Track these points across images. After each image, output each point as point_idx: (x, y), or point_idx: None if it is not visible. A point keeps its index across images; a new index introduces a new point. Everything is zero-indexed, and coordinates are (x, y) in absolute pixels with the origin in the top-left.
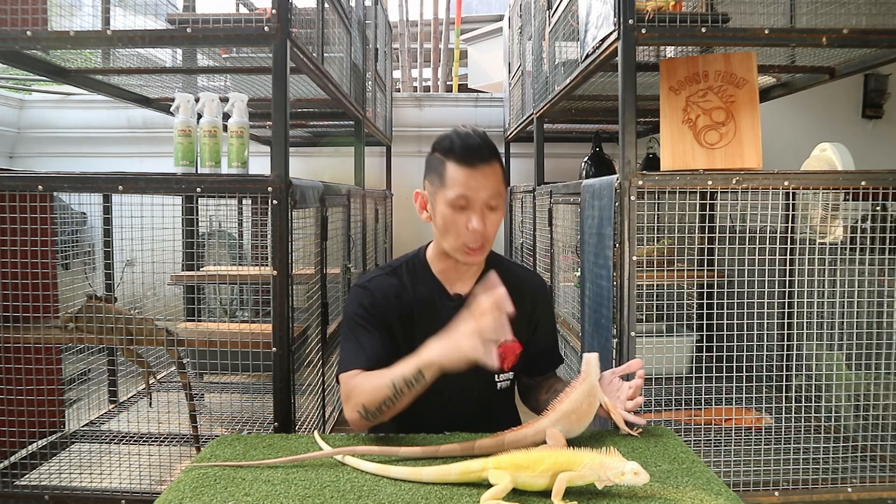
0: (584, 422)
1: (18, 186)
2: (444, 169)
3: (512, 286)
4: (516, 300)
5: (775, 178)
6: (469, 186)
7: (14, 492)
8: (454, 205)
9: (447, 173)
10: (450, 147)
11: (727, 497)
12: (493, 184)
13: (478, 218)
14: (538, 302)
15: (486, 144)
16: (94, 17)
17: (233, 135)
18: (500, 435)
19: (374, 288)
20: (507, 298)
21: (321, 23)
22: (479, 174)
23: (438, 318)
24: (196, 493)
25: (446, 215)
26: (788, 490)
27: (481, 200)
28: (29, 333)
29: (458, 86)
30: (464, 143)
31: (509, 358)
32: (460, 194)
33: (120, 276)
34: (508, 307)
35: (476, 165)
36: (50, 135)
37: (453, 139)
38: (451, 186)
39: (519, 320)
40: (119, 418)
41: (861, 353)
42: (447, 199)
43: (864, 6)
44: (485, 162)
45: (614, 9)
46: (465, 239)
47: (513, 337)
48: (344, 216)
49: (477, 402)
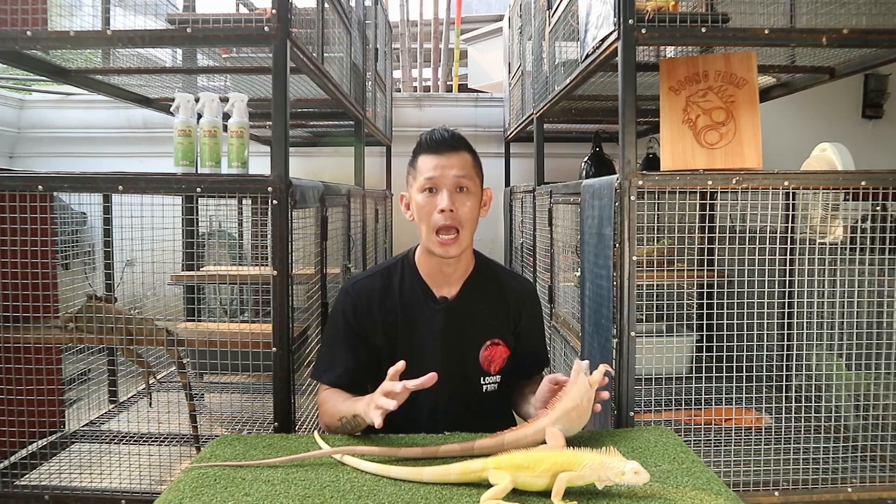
0: (584, 419)
1: (18, 186)
2: (415, 163)
3: (497, 290)
4: (501, 304)
5: (775, 178)
6: (434, 168)
7: (14, 492)
8: (423, 188)
9: (417, 164)
10: (419, 143)
11: (727, 497)
12: (459, 164)
13: (446, 196)
14: (524, 307)
15: (452, 135)
16: (94, 17)
17: (233, 135)
18: (499, 435)
19: (357, 293)
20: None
21: (321, 23)
22: (444, 158)
23: (422, 321)
24: (196, 493)
25: (419, 203)
26: (788, 490)
27: (448, 180)
28: (29, 333)
29: (458, 86)
30: (429, 136)
31: (496, 362)
32: (427, 177)
33: (120, 276)
34: (400, 398)
35: (441, 152)
36: (50, 135)
37: (422, 136)
38: (420, 174)
39: (503, 324)
40: (119, 418)
41: (861, 353)
42: (418, 185)
43: (864, 6)
44: (450, 149)
45: (614, 9)
46: (436, 222)
47: (498, 340)
48: (344, 216)
49: (463, 404)
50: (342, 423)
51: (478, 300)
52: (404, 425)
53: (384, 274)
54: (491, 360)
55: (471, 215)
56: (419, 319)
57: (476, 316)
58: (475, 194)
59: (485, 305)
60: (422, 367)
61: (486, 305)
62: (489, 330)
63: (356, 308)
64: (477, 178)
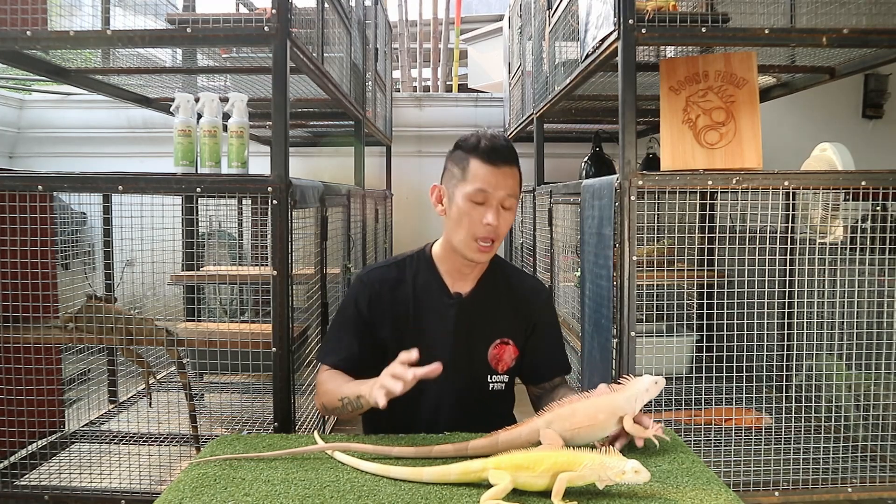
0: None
1: (18, 186)
2: (467, 164)
3: (510, 289)
4: (513, 303)
5: (775, 178)
6: (489, 182)
7: (14, 492)
8: (472, 198)
9: (470, 168)
10: (476, 144)
11: (727, 497)
12: (511, 184)
13: (493, 213)
14: (536, 307)
15: (510, 148)
16: (93, 17)
17: (233, 135)
18: (493, 435)
19: (371, 282)
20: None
21: (321, 23)
22: (500, 173)
23: (434, 314)
24: (196, 493)
25: (463, 208)
26: (788, 490)
27: (498, 198)
28: (29, 333)
29: (458, 86)
30: (489, 142)
31: (505, 361)
32: (479, 188)
33: (120, 276)
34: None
35: (498, 164)
36: (50, 135)
37: (480, 138)
38: (472, 181)
39: (515, 324)
40: (119, 418)
41: (861, 353)
42: (466, 192)
43: (864, 6)
44: (506, 163)
45: (614, 9)
46: (478, 233)
47: (508, 340)
48: (344, 216)
49: (468, 402)
50: (343, 405)
51: (491, 298)
52: (407, 419)
53: (399, 265)
54: (499, 359)
55: (507, 227)
56: (431, 313)
57: (488, 313)
58: (514, 209)
59: (497, 303)
60: (430, 360)
61: (499, 303)
62: (500, 329)
63: (369, 297)
64: (519, 196)
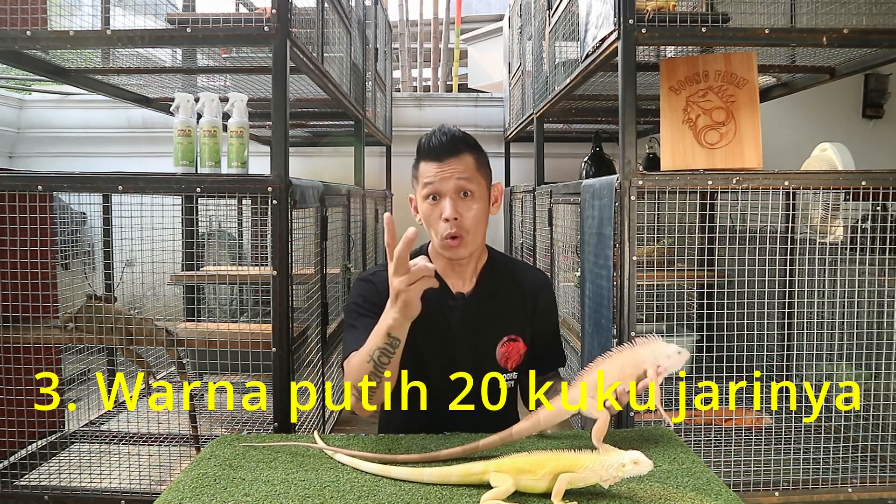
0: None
1: (18, 186)
2: (417, 167)
3: (512, 282)
4: (515, 296)
5: (775, 178)
6: (435, 177)
7: (14, 492)
8: (426, 197)
9: (419, 170)
10: (419, 147)
11: (727, 497)
12: (461, 169)
13: (450, 205)
14: (538, 297)
15: (453, 137)
16: (93, 16)
17: (233, 135)
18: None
19: (376, 281)
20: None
21: (321, 23)
22: (445, 165)
23: (440, 316)
24: (196, 493)
25: (424, 211)
26: (788, 490)
27: (449, 189)
28: (29, 333)
29: (458, 86)
30: (429, 140)
31: (513, 358)
32: (427, 184)
33: (120, 276)
34: (429, 279)
35: (441, 158)
36: (50, 135)
37: (422, 139)
38: (422, 180)
39: (520, 318)
40: (119, 418)
41: (861, 353)
42: (422, 194)
43: (864, 6)
44: (449, 153)
45: (614, 9)
46: (441, 230)
47: (516, 336)
48: (344, 216)
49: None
50: (374, 360)
51: (494, 293)
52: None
53: None
54: (508, 357)
55: (476, 219)
56: (435, 313)
57: (493, 310)
58: (481, 196)
59: (501, 298)
60: (437, 363)
61: (502, 298)
62: (506, 325)
63: (377, 292)
64: (482, 179)
